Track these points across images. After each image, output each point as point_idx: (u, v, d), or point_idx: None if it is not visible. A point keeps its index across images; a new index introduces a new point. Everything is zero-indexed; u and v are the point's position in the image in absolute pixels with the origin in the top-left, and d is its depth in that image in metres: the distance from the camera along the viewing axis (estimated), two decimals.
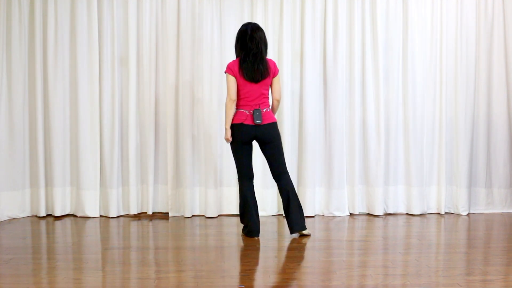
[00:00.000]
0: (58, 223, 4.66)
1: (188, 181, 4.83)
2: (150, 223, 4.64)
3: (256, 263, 3.46)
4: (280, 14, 4.87)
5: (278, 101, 4.11)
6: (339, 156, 4.88)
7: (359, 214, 4.94)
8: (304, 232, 4.03)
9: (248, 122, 3.96)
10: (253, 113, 3.94)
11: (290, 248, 3.80)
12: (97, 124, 4.82)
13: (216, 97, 4.76)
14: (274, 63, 4.05)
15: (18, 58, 4.77)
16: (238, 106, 4.01)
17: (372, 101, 4.89)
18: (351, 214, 4.93)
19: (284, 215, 4.17)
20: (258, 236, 4.03)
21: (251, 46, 3.94)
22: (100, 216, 4.88)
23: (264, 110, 3.98)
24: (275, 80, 4.05)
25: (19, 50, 4.77)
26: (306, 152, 4.84)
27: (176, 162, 4.86)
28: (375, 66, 4.89)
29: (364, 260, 3.47)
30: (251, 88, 3.96)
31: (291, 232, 4.00)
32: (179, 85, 4.84)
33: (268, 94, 4.05)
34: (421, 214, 4.92)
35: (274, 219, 4.76)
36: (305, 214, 4.80)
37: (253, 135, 4.00)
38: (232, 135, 4.01)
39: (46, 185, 4.86)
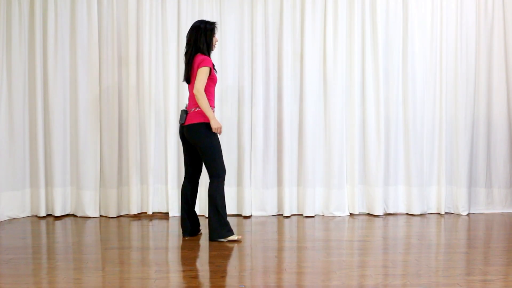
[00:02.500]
0: (58, 223, 4.66)
1: None
2: (150, 223, 4.64)
3: (256, 263, 3.46)
4: (280, 14, 4.87)
5: (195, 95, 3.80)
6: (339, 156, 4.89)
7: (359, 214, 4.94)
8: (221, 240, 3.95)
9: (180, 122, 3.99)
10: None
11: (290, 248, 3.80)
12: (97, 124, 4.82)
13: (216, 96, 4.76)
14: (202, 59, 3.84)
15: (18, 58, 4.78)
16: None
17: (372, 101, 4.89)
18: (351, 214, 4.93)
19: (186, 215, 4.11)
20: (187, 235, 4.06)
21: (186, 48, 3.97)
22: (100, 216, 4.89)
23: (192, 110, 3.89)
24: (197, 73, 3.83)
25: (19, 50, 4.77)
26: (306, 152, 4.84)
27: (176, 162, 4.87)
28: (375, 66, 4.89)
29: (364, 260, 3.47)
30: (188, 88, 4.02)
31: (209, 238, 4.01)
32: (179, 85, 4.84)
33: None
34: (421, 214, 4.92)
35: (274, 219, 4.76)
36: (305, 214, 4.84)
37: (182, 135, 4.01)
38: None
39: (46, 185, 4.87)
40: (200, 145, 3.88)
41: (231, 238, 3.94)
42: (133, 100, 4.83)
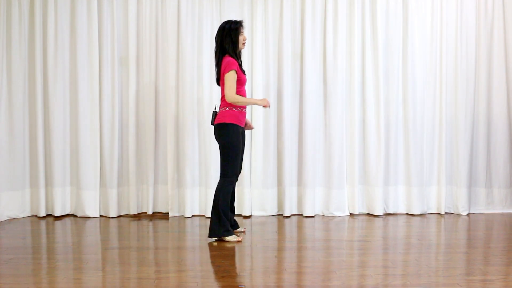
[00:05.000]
0: (58, 223, 4.66)
1: (188, 181, 4.83)
2: (150, 223, 4.64)
3: (256, 263, 3.46)
4: (280, 14, 4.87)
5: (229, 102, 3.87)
6: (339, 156, 4.88)
7: (359, 214, 4.94)
8: (210, 240, 3.99)
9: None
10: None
11: (290, 248, 3.80)
12: (97, 124, 4.83)
13: (216, 97, 4.76)
14: (226, 63, 3.88)
15: (18, 58, 4.78)
16: None
17: (372, 101, 4.89)
18: (351, 214, 4.93)
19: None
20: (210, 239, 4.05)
21: (214, 49, 4.02)
22: (100, 216, 4.89)
23: (222, 109, 3.94)
24: (224, 80, 3.89)
25: (19, 50, 4.78)
26: (306, 152, 4.84)
27: (176, 162, 4.87)
28: (375, 66, 4.89)
29: (364, 260, 3.47)
30: (220, 90, 4.10)
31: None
32: (179, 85, 4.84)
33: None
34: (421, 214, 4.92)
35: (274, 219, 4.76)
36: (305, 214, 4.84)
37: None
38: None
39: (46, 185, 4.87)
40: (220, 143, 3.95)
41: (228, 238, 3.94)
42: (132, 100, 4.84)
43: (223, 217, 3.93)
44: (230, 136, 3.89)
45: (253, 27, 4.84)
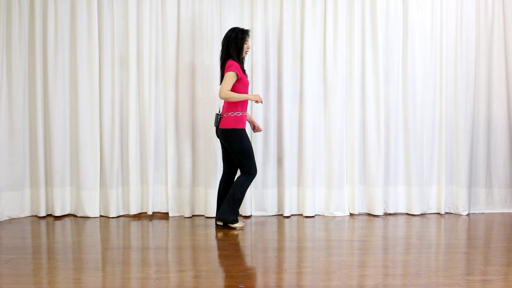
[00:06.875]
0: (58, 223, 4.66)
1: (188, 181, 4.84)
2: (150, 223, 4.64)
3: (256, 263, 3.46)
4: (280, 14, 4.87)
5: (221, 97, 4.21)
6: (339, 156, 4.89)
7: (359, 214, 4.94)
8: (218, 222, 4.43)
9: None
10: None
11: (290, 248, 3.80)
12: (97, 124, 4.82)
13: (216, 97, 4.76)
14: (229, 64, 4.23)
15: (18, 58, 4.77)
16: None
17: (372, 101, 4.89)
18: (351, 214, 4.93)
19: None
20: (216, 223, 4.46)
21: (220, 53, 4.40)
22: (100, 216, 4.89)
23: (225, 115, 4.29)
24: (224, 78, 4.22)
25: (19, 50, 4.77)
26: (306, 152, 4.84)
27: (176, 162, 4.87)
28: (375, 66, 4.89)
29: (364, 260, 3.47)
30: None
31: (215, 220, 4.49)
32: (179, 85, 4.84)
33: None
34: (421, 214, 4.92)
35: (274, 219, 4.76)
36: (305, 214, 4.85)
37: (217, 135, 4.45)
38: None
39: (46, 185, 4.87)
40: (232, 149, 4.30)
41: (235, 225, 4.36)
42: (133, 100, 4.83)
43: (237, 207, 4.35)
44: (243, 141, 4.29)
45: (253, 27, 4.84)
